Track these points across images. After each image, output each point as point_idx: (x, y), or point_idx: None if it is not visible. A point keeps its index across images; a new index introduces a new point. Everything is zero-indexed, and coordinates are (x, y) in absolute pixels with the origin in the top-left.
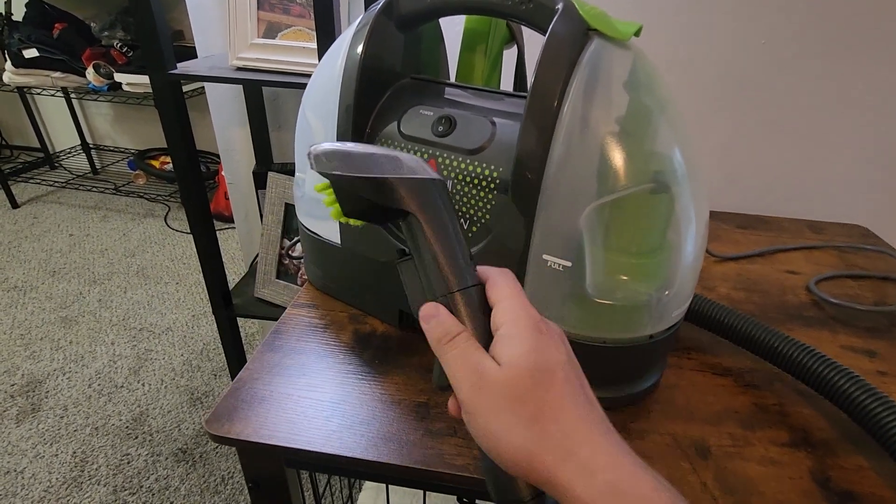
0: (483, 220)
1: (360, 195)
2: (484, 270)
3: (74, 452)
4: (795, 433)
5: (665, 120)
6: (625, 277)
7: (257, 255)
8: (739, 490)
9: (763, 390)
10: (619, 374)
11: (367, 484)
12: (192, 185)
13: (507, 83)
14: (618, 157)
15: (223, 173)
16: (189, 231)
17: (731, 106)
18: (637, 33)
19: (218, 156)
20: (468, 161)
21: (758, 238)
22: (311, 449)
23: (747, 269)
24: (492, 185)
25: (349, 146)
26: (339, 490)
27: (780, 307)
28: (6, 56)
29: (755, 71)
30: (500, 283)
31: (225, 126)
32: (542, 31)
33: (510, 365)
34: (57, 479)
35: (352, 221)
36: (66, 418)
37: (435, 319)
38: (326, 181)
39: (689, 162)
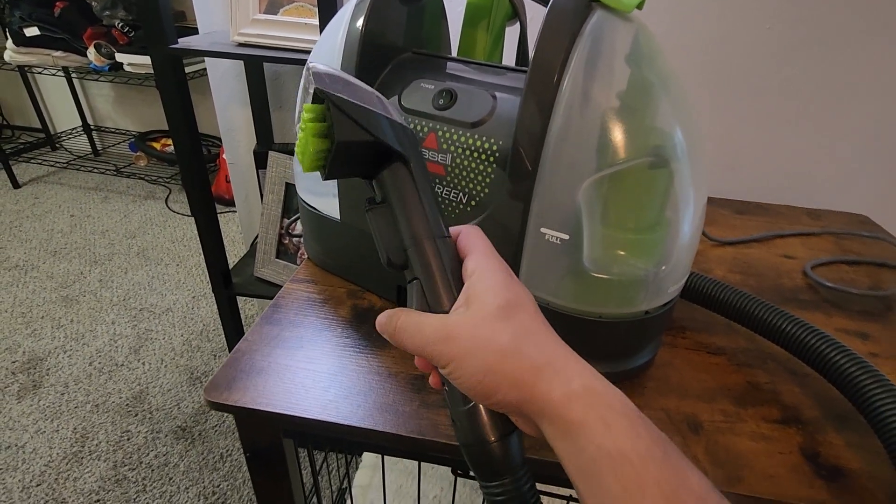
0: (482, 194)
1: (359, 126)
2: (454, 228)
3: (75, 428)
4: (787, 410)
5: (666, 94)
6: (622, 252)
7: (257, 236)
8: (729, 463)
9: (756, 369)
10: (614, 349)
11: (364, 462)
12: (192, 161)
13: (508, 60)
14: (617, 131)
15: (224, 156)
16: (189, 214)
17: (732, 91)
18: (640, 6)
19: (219, 139)
20: (468, 134)
21: (755, 223)
22: (308, 416)
23: (744, 254)
24: (491, 159)
25: (349, 76)
26: (336, 469)
27: (776, 290)
28: (7, 34)
29: (759, 56)
30: (471, 236)
31: (226, 106)
32: (544, 1)
33: (478, 301)
34: (57, 454)
35: (308, 160)
36: (66, 395)
37: (383, 329)
38: (318, 105)
39: (689, 137)
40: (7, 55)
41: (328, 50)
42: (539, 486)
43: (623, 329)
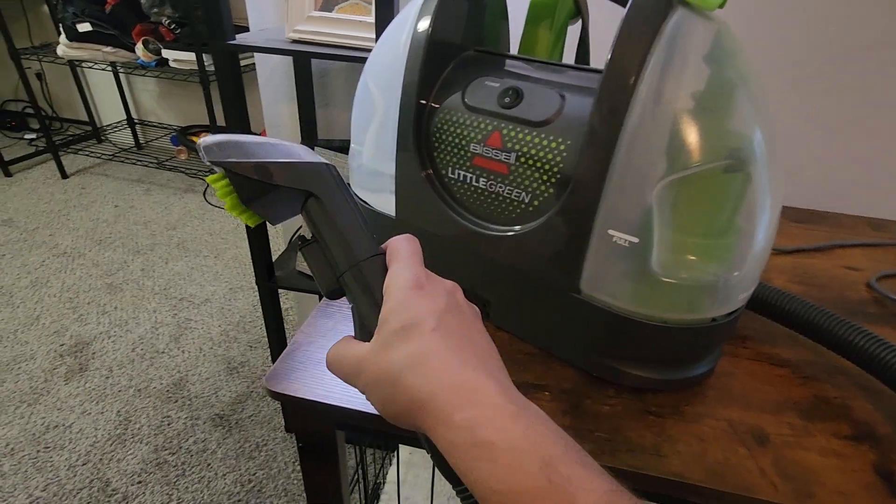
0: (546, 194)
1: (254, 180)
2: (389, 241)
3: (119, 412)
4: (858, 427)
5: (746, 96)
6: (693, 257)
7: (297, 230)
8: (799, 479)
9: (824, 383)
10: (677, 356)
11: (398, 460)
12: None
13: (567, 57)
14: (693, 133)
15: None
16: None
17: (791, 94)
18: (722, 4)
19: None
20: (534, 133)
21: (815, 233)
22: (365, 410)
23: (804, 263)
24: (558, 159)
25: (239, 136)
26: (373, 463)
27: (840, 303)
28: (60, 29)
29: (822, 58)
30: (395, 249)
31: (272, 102)
32: (622, 1)
33: (386, 319)
34: (102, 435)
35: (246, 217)
36: (111, 379)
37: (329, 365)
38: (219, 173)
39: (768, 141)
40: (60, 50)
41: (390, 49)
42: None
43: (687, 336)
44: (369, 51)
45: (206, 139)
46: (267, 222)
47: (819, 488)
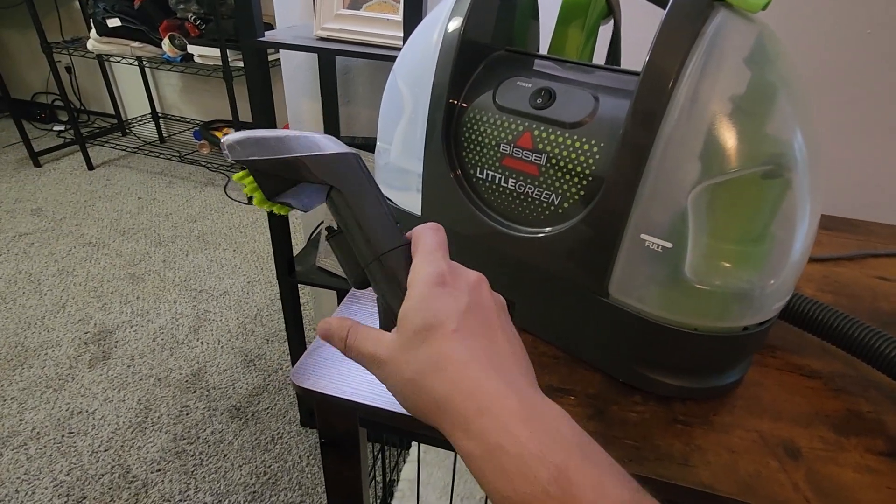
0: (577, 196)
1: (278, 176)
2: (414, 229)
3: (139, 400)
4: (893, 443)
5: (788, 100)
6: (728, 264)
7: (318, 226)
8: (834, 495)
9: (857, 396)
10: (706, 365)
11: (412, 457)
12: None
13: (597, 58)
14: (731, 137)
15: None
16: (247, 202)
17: (824, 99)
18: (765, 6)
19: None
20: (567, 135)
21: (845, 241)
22: (390, 409)
23: (834, 272)
24: (590, 161)
25: (260, 132)
26: (389, 459)
27: (873, 314)
28: (90, 24)
29: (856, 62)
30: (419, 239)
31: (296, 98)
32: (661, 2)
33: (406, 316)
34: (123, 422)
35: (276, 209)
36: (132, 367)
37: (328, 333)
38: (245, 171)
39: (810, 147)
40: (90, 44)
41: (421, 49)
42: None
43: (718, 344)
44: (396, 49)
45: (229, 137)
46: (298, 210)
47: None
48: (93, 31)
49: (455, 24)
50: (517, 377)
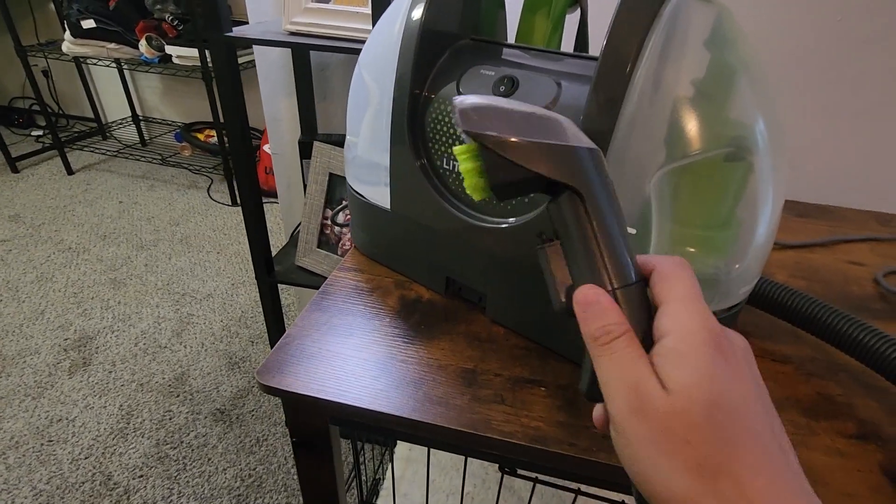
0: None
1: (519, 164)
2: (648, 260)
3: (121, 406)
4: (864, 426)
5: (748, 82)
6: (692, 249)
7: (298, 225)
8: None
9: (827, 380)
10: None
11: (397, 455)
12: (242, 146)
13: (566, 47)
14: (692, 121)
15: (265, 147)
16: (230, 203)
17: (796, 85)
18: None
19: (260, 131)
20: None
21: (818, 227)
22: (360, 405)
23: (807, 258)
24: None
25: (503, 102)
26: (372, 460)
27: (844, 298)
28: (65, 26)
29: (827, 49)
30: (671, 278)
31: (272, 96)
32: None
33: (680, 395)
34: (104, 429)
35: (478, 194)
36: (113, 373)
37: (594, 307)
38: (470, 145)
39: (771, 129)
40: (65, 46)
41: (385, 37)
42: (590, 489)
43: None
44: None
45: (462, 99)
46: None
47: (824, 489)
48: (67, 33)
49: (417, 12)
50: (802, 478)
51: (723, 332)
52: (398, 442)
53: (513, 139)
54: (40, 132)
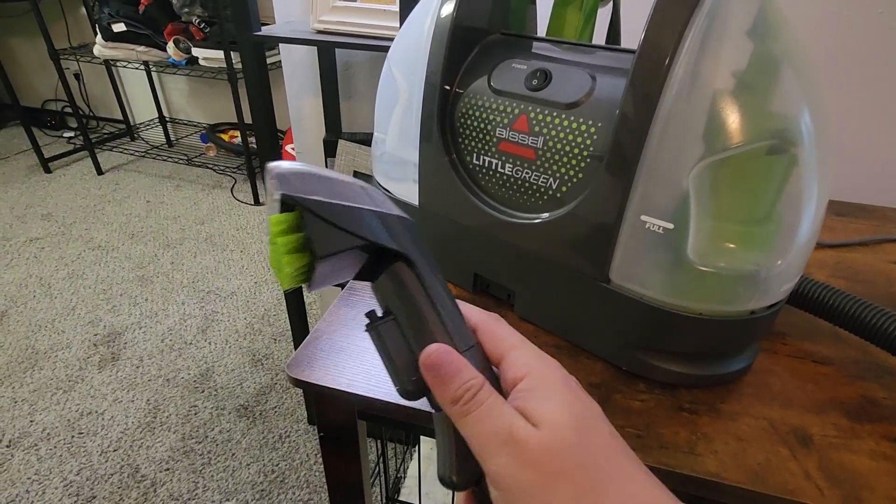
0: (575, 179)
1: (351, 232)
2: (468, 316)
3: (148, 400)
4: None
5: (792, 73)
6: (732, 245)
7: None
8: (847, 483)
9: (871, 382)
10: (712, 351)
11: (420, 454)
12: (269, 142)
13: (598, 40)
14: (733, 113)
15: (287, 147)
16: (253, 203)
17: (835, 81)
18: None
19: (282, 132)
20: (563, 116)
21: (858, 226)
22: (389, 400)
23: (847, 258)
24: (588, 142)
25: (322, 169)
26: (394, 457)
27: (887, 299)
28: (96, 30)
29: (867, 43)
30: (500, 333)
31: (297, 95)
32: None
33: (551, 425)
34: (132, 422)
35: (287, 274)
36: (141, 368)
37: (448, 367)
38: (288, 213)
39: (816, 121)
40: (96, 49)
41: (414, 35)
42: None
43: (724, 329)
44: (393, 40)
45: (278, 165)
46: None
47: (869, 493)
48: (98, 36)
49: (448, 8)
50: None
51: (560, 366)
52: (421, 439)
53: (345, 203)
54: (72, 133)
